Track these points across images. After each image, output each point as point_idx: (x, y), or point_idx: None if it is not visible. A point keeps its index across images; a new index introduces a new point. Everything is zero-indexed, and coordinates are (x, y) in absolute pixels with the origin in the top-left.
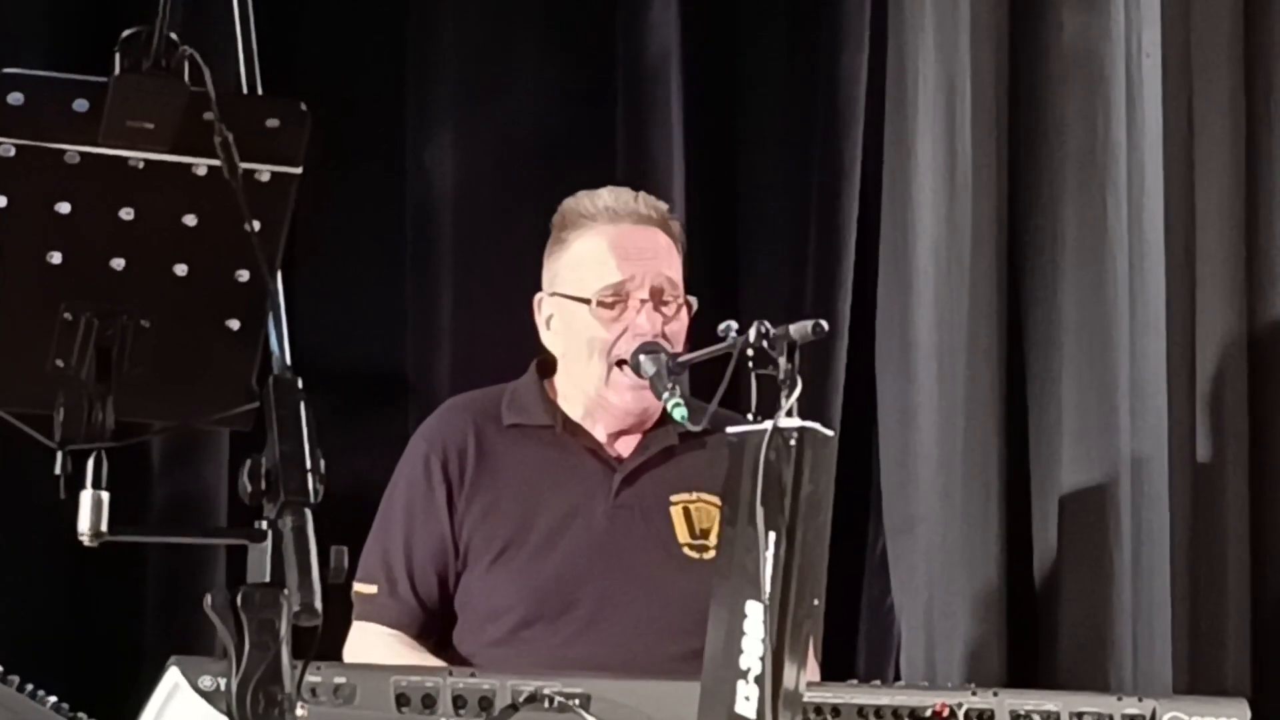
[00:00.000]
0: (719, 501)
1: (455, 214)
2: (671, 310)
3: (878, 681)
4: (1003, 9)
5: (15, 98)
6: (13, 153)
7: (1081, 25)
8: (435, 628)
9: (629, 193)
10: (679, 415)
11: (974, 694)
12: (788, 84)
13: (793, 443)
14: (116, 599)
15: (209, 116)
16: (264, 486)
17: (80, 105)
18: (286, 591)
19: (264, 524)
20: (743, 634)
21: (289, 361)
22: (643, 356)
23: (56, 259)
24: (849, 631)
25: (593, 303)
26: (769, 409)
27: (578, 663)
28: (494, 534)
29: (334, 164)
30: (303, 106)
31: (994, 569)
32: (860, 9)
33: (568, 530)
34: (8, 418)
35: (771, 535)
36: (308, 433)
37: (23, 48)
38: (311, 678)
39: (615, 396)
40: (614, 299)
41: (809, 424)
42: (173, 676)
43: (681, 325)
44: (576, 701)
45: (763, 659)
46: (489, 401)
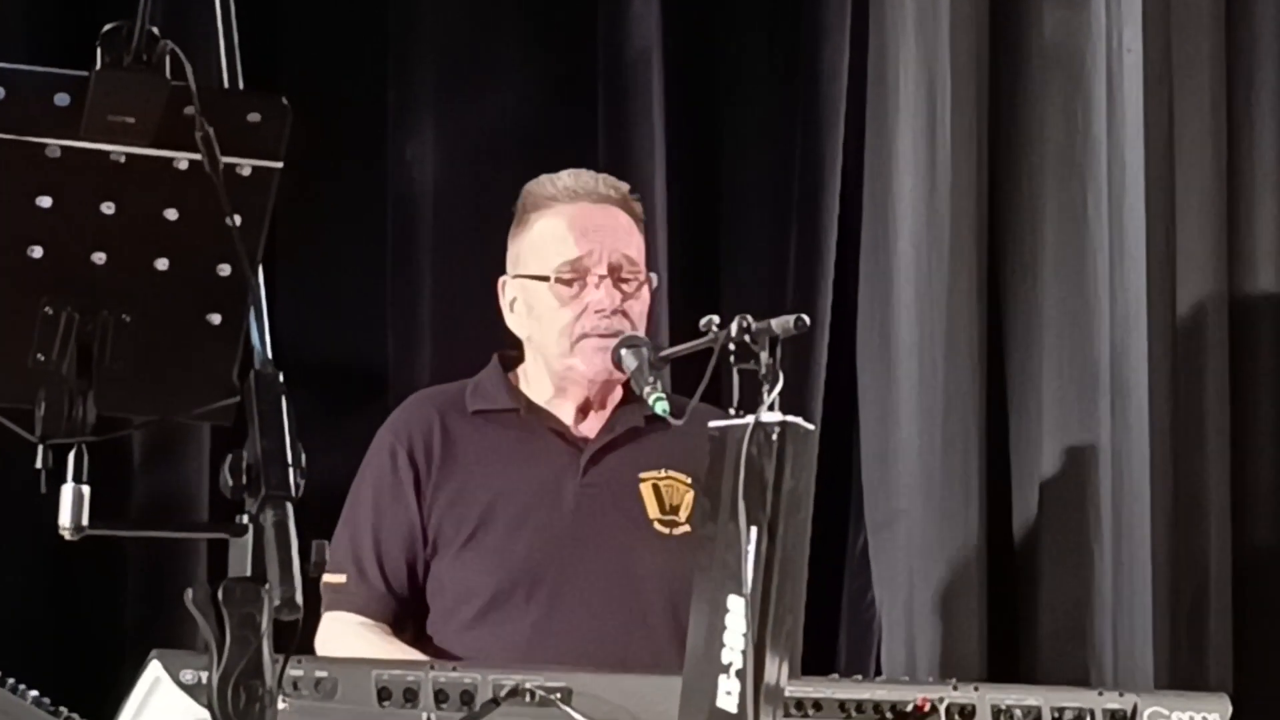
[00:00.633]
0: (688, 479)
1: (436, 208)
2: (631, 287)
3: (859, 676)
4: (983, 6)
5: None
6: None
7: (1062, 21)
8: (406, 616)
9: (589, 173)
10: (660, 409)
11: (955, 689)
12: (769, 80)
13: (774, 437)
14: (98, 593)
15: (190, 111)
16: (245, 481)
17: (61, 99)
18: (268, 586)
19: (245, 518)
20: (724, 628)
21: (270, 356)
22: (624, 351)
23: (37, 253)
24: (830, 626)
25: (551, 279)
26: (750, 404)
27: (550, 642)
28: (463, 518)
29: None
30: (284, 101)
31: (974, 564)
32: (841, 5)
33: (536, 510)
34: None
35: (753, 530)
36: (289, 427)
37: (3, 42)
38: (293, 672)
39: (583, 363)
40: (572, 275)
41: (791, 418)
42: (154, 670)
43: (643, 303)
44: (558, 696)
45: (744, 653)
46: (453, 392)
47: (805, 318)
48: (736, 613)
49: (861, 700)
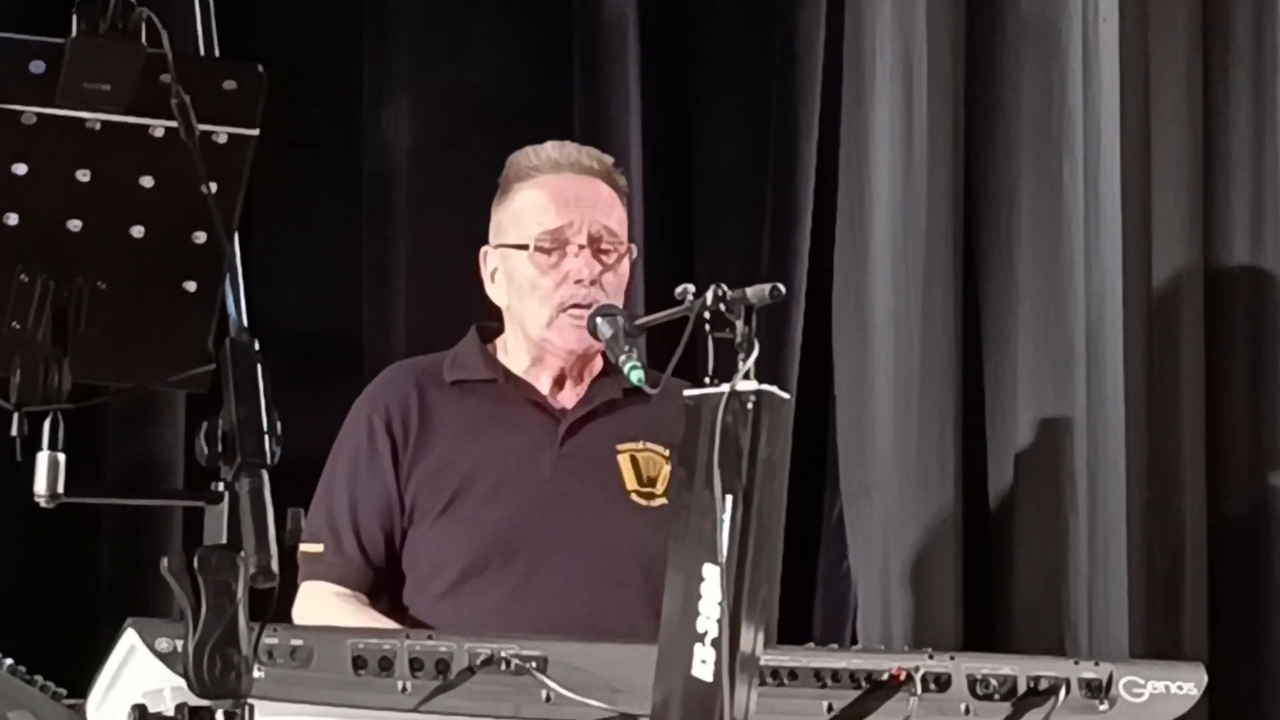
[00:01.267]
0: (665, 451)
1: (411, 177)
2: (611, 259)
3: (834, 645)
4: None
5: None
6: None
7: None
8: (383, 587)
9: (573, 145)
10: (635, 378)
11: (930, 658)
12: (745, 49)
13: (750, 406)
14: (73, 561)
15: (166, 78)
16: (220, 448)
17: (37, 67)
18: (243, 554)
19: (220, 486)
20: (699, 597)
21: (245, 323)
22: (599, 319)
23: (13, 220)
24: (805, 595)
25: (530, 248)
26: (726, 373)
27: (526, 611)
28: (440, 488)
29: (291, 126)
30: (260, 69)
31: (950, 533)
32: None
33: (514, 480)
34: None
35: (728, 499)
36: (264, 395)
37: None
38: (268, 640)
39: (559, 338)
40: (551, 245)
41: (766, 387)
42: (129, 639)
43: (622, 275)
44: (534, 664)
45: (720, 622)
46: (430, 364)
47: (781, 287)
48: (712, 581)
49: (837, 669)
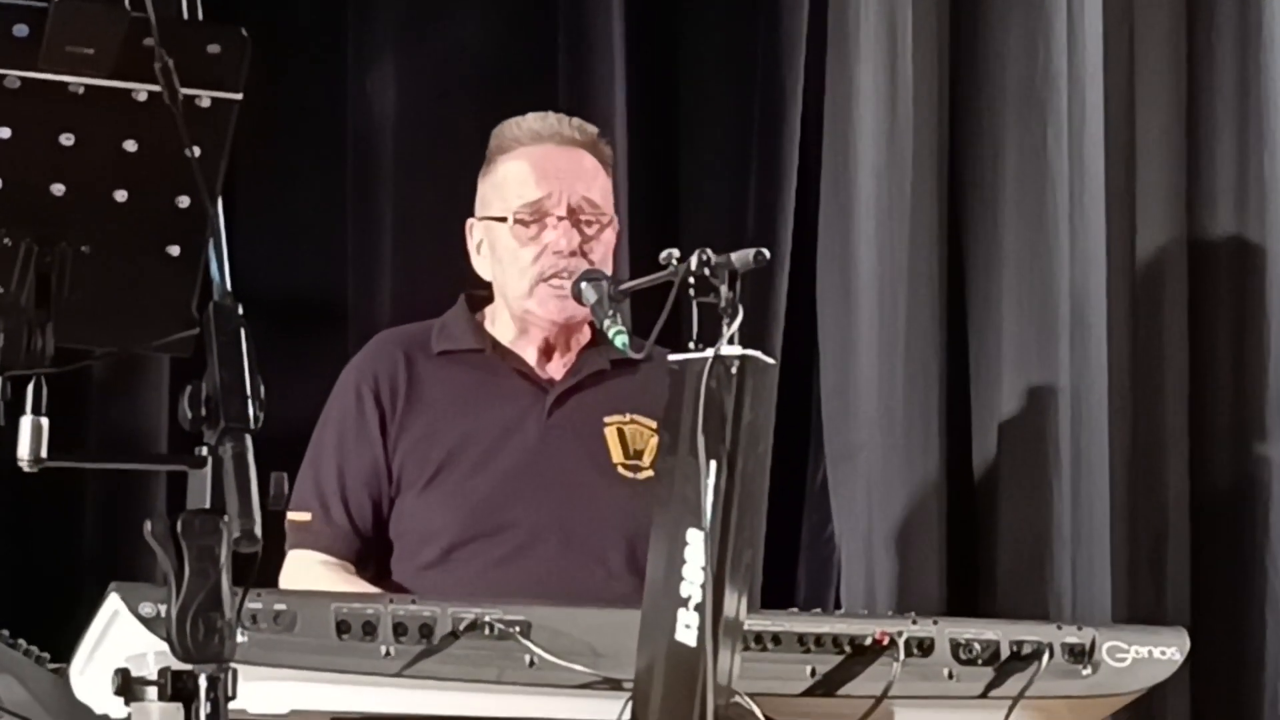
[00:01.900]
0: (653, 423)
1: (396, 141)
2: (593, 230)
3: (818, 610)
4: None
5: None
6: None
7: None
8: (370, 556)
9: (556, 116)
10: (620, 343)
11: (914, 622)
12: (729, 12)
13: (734, 371)
14: (56, 525)
15: (149, 42)
16: (204, 413)
17: (20, 30)
18: (226, 518)
19: (204, 450)
20: (683, 562)
21: (229, 288)
22: (584, 284)
23: None
24: (789, 560)
25: (510, 220)
26: (710, 337)
27: (512, 582)
28: (427, 458)
29: (275, 90)
30: (243, 32)
31: (934, 498)
32: None
33: (501, 451)
34: None
35: (712, 464)
36: (248, 359)
37: None
38: (251, 604)
39: (539, 308)
40: (531, 216)
41: (750, 352)
42: (112, 603)
43: (605, 246)
44: (517, 629)
45: (703, 587)
46: (419, 332)
47: (765, 252)
48: (695, 546)
49: (820, 634)
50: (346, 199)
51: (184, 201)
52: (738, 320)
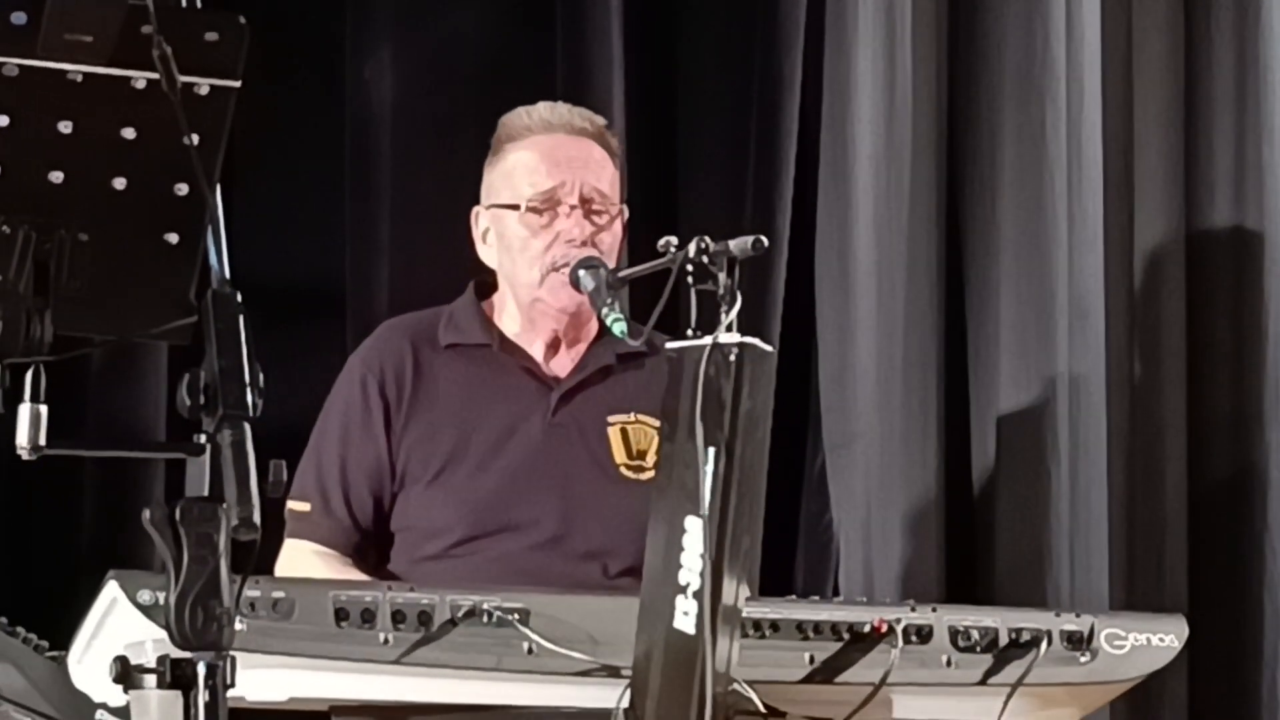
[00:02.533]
0: (656, 423)
1: (394, 130)
2: (603, 220)
3: (816, 597)
4: None
5: None
6: None
7: None
8: (368, 549)
9: (566, 106)
10: (618, 330)
11: (912, 610)
12: (728, 1)
13: (732, 358)
14: (55, 513)
15: (148, 30)
16: (202, 401)
17: (18, 18)
18: (225, 505)
19: (202, 438)
20: (682, 549)
21: (228, 275)
22: (582, 271)
23: None
24: (788, 547)
25: (522, 208)
26: (708, 324)
27: (511, 582)
28: (432, 453)
29: (273, 78)
30: (242, 20)
31: (932, 485)
32: None
33: (505, 448)
34: None
35: (711, 451)
36: (246, 347)
37: None
38: (250, 592)
39: (551, 296)
40: (543, 205)
41: (749, 339)
42: (111, 591)
43: (614, 236)
44: (515, 616)
45: (702, 574)
46: (426, 323)
47: (763, 239)
48: (694, 533)
49: (819, 621)
50: (345, 186)
51: (182, 189)
52: (736, 307)
